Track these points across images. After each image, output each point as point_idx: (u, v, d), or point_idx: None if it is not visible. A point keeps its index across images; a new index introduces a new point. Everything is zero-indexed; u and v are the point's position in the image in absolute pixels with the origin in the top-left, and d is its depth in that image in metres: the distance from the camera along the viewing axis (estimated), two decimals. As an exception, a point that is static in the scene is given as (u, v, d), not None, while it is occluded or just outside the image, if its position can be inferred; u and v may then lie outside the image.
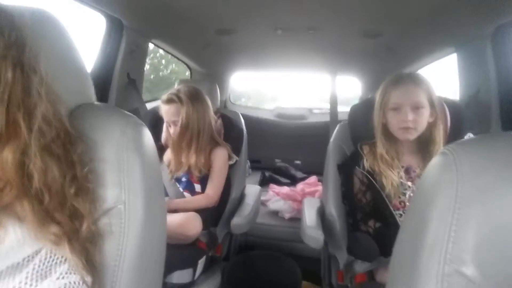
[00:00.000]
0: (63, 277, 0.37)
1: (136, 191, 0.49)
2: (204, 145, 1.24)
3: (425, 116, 0.99)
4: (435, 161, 0.41)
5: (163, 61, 4.01)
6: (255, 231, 1.74)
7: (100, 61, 1.44)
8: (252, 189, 1.44)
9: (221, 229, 1.26)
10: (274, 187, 2.08)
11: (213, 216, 1.23)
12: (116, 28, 1.42)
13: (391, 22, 1.39)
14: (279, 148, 2.72)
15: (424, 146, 1.05)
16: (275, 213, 1.90)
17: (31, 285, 0.35)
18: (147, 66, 1.89)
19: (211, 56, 2.12)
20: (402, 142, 1.05)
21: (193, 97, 1.22)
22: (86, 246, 0.41)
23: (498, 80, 1.14)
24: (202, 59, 2.16)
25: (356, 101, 2.70)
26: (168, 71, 4.04)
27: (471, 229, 0.35)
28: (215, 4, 1.32)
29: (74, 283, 0.38)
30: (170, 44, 1.83)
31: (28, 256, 0.37)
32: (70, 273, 0.38)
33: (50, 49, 0.47)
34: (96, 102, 0.60)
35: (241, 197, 1.37)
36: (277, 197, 1.95)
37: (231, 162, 1.31)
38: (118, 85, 1.50)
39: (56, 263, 0.38)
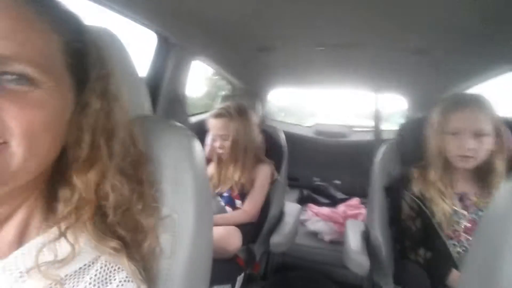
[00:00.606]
0: (122, 284, 0.38)
1: (188, 201, 0.50)
2: (249, 161, 1.24)
3: (488, 145, 0.90)
4: (506, 187, 0.37)
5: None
6: (293, 252, 1.69)
7: (150, 76, 1.53)
8: (291, 207, 1.41)
9: (259, 247, 1.24)
10: (313, 207, 2.02)
11: (251, 232, 1.22)
12: (165, 46, 1.50)
13: (440, 38, 1.33)
14: (317, 167, 2.65)
15: (482, 175, 0.96)
16: (314, 234, 1.84)
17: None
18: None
19: (251, 72, 2.16)
20: (458, 169, 0.97)
21: (242, 113, 1.26)
22: (147, 259, 0.43)
23: None
24: (243, 75, 2.21)
25: (397, 117, 2.60)
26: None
27: None
28: (257, 22, 1.35)
29: None
30: (213, 60, 1.89)
31: (89, 262, 0.38)
32: (129, 281, 0.39)
33: (114, 65, 0.50)
34: (151, 114, 0.63)
35: (280, 215, 1.34)
36: (316, 218, 1.89)
37: (274, 177, 1.29)
38: (165, 100, 1.57)
39: (115, 270, 0.39)
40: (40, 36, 0.33)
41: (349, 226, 1.21)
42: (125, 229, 0.41)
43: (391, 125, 2.55)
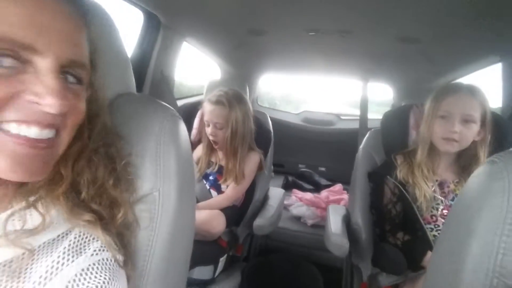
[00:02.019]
0: (96, 254, 0.39)
1: (170, 180, 0.51)
2: (244, 151, 1.24)
3: (473, 132, 0.93)
4: (482, 169, 0.39)
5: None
6: (276, 235, 1.72)
7: (136, 55, 1.49)
8: (275, 192, 1.43)
9: (242, 229, 1.26)
10: (297, 193, 2.06)
11: (235, 215, 1.24)
12: (153, 24, 1.46)
13: (430, 28, 1.34)
14: (303, 154, 2.68)
15: (464, 163, 1.00)
16: (297, 219, 1.88)
17: (68, 259, 0.37)
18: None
19: (242, 56, 2.13)
20: (441, 154, 1.00)
21: (241, 102, 1.23)
22: (121, 231, 0.44)
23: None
24: (233, 59, 2.18)
25: (386, 108, 2.63)
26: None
27: None
28: (248, 4, 1.33)
29: (107, 259, 0.40)
30: (203, 43, 1.85)
31: (62, 233, 0.39)
32: (103, 250, 0.40)
33: (103, 43, 0.49)
34: (135, 92, 0.62)
35: (265, 199, 1.36)
36: (300, 203, 1.93)
37: (261, 166, 1.29)
38: (152, 81, 1.54)
39: (89, 240, 0.40)
40: (84, 36, 0.37)
41: (331, 211, 1.24)
42: (99, 203, 0.41)
43: (378, 114, 2.58)
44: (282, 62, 2.35)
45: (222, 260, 1.07)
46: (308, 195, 1.97)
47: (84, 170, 0.40)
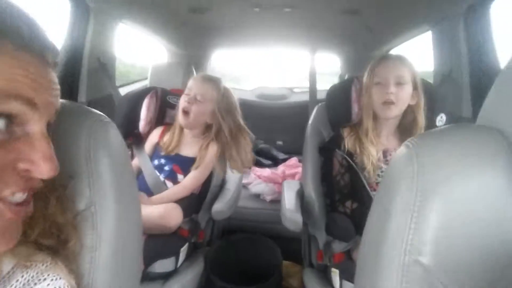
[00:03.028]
0: (48, 285, 0.38)
1: (106, 192, 0.48)
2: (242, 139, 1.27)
3: (407, 94, 1.01)
4: (399, 153, 0.42)
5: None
6: (237, 215, 1.76)
7: (67, 46, 1.36)
8: (233, 175, 1.44)
9: (203, 216, 1.27)
10: (256, 170, 2.09)
11: (194, 203, 1.23)
12: (81, 10, 1.33)
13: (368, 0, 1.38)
14: (261, 129, 2.70)
15: (405, 130, 1.08)
16: (257, 196, 1.93)
17: None
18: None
19: (187, 36, 2.04)
20: (383, 123, 1.08)
21: (229, 96, 1.26)
22: (70, 253, 0.43)
23: (469, 60, 1.15)
24: (176, 39, 2.08)
25: (335, 78, 2.71)
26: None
27: (430, 221, 0.36)
28: None
29: (62, 286, 0.39)
30: (142, 25, 1.74)
31: (9, 271, 0.37)
32: (57, 279, 0.38)
33: None
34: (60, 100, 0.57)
35: (222, 183, 1.37)
36: (258, 180, 1.97)
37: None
38: (88, 70, 1.43)
39: (39, 272, 0.38)
40: None
41: (286, 187, 1.28)
42: (49, 237, 0.40)
43: (328, 84, 2.65)
44: (230, 39, 2.29)
45: (184, 250, 1.08)
46: (266, 172, 2.01)
47: (40, 209, 0.38)
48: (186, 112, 1.19)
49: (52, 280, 0.38)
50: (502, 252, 0.35)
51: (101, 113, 0.52)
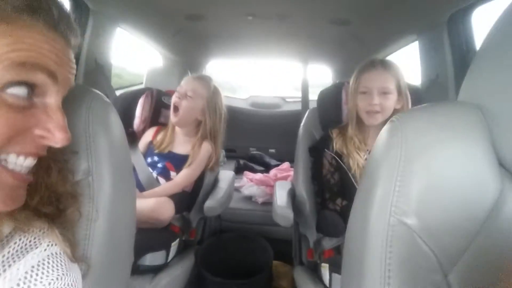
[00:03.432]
0: (45, 249, 0.39)
1: (103, 164, 0.51)
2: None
3: (392, 101, 1.03)
4: (385, 128, 0.45)
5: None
6: (229, 216, 1.77)
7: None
8: (225, 174, 1.46)
9: (195, 214, 1.28)
10: (248, 174, 2.11)
11: (185, 201, 1.25)
12: (81, 11, 1.37)
13: (358, 10, 1.44)
14: (253, 137, 2.74)
15: None
16: (248, 198, 1.94)
17: (14, 258, 0.36)
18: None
19: (182, 43, 2.09)
20: (369, 126, 1.10)
21: (219, 93, 1.30)
22: (68, 222, 0.44)
23: (454, 65, 1.21)
24: (173, 46, 2.13)
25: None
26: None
27: (413, 184, 0.39)
28: None
29: (58, 253, 0.39)
30: (139, 30, 1.78)
31: (7, 235, 0.38)
32: (53, 245, 0.40)
33: None
34: None
35: (215, 182, 1.38)
36: (250, 183, 1.99)
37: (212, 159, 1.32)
38: (85, 71, 1.45)
39: (37, 237, 0.39)
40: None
41: (278, 186, 1.30)
42: (48, 204, 0.41)
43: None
44: (224, 47, 2.35)
45: (174, 245, 1.08)
46: (258, 175, 2.03)
47: (42, 178, 0.40)
48: (176, 108, 1.23)
49: (48, 245, 0.39)
50: (478, 211, 0.38)
51: (100, 93, 0.55)
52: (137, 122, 1.36)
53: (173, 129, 1.31)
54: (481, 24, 1.13)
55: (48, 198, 0.41)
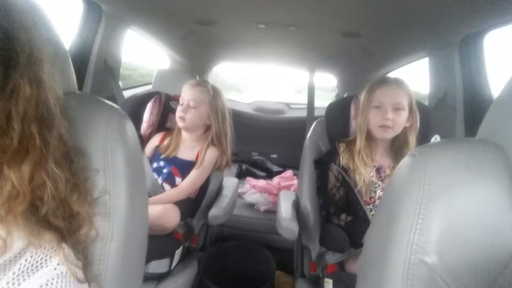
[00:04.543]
0: (55, 268, 0.38)
1: (120, 181, 0.50)
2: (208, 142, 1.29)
3: (403, 118, 1.04)
4: (405, 161, 0.45)
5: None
6: (231, 223, 1.76)
7: (76, 46, 1.39)
8: (229, 182, 1.46)
9: (198, 221, 1.28)
10: (250, 180, 2.11)
11: (190, 207, 1.24)
12: (94, 12, 1.37)
13: (369, 24, 1.45)
14: (256, 142, 2.74)
15: (397, 149, 1.11)
16: (251, 206, 1.93)
17: (24, 277, 0.36)
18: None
19: (191, 46, 2.09)
20: (378, 142, 1.10)
21: (219, 93, 1.30)
22: (81, 242, 0.43)
23: (463, 86, 1.22)
24: (182, 49, 2.13)
25: (331, 93, 2.79)
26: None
27: (434, 223, 0.39)
28: None
29: (65, 274, 0.39)
30: (149, 32, 1.78)
31: (19, 251, 0.37)
32: (62, 265, 0.39)
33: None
34: (78, 91, 0.59)
35: (219, 189, 1.38)
36: (253, 190, 1.99)
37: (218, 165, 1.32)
38: (94, 71, 1.45)
39: (47, 256, 0.38)
40: None
41: (282, 197, 1.30)
42: (60, 218, 0.40)
43: (325, 100, 2.72)
44: (232, 52, 2.35)
45: (178, 253, 1.08)
46: (261, 183, 2.03)
47: (45, 184, 0.38)
48: (182, 118, 1.24)
49: (58, 264, 0.38)
50: (501, 254, 0.38)
51: (117, 107, 0.55)
52: (144, 126, 1.36)
53: (180, 133, 1.31)
54: (493, 48, 1.14)
55: (57, 209, 0.40)
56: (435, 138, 1.12)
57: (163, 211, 1.07)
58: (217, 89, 1.30)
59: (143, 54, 2.55)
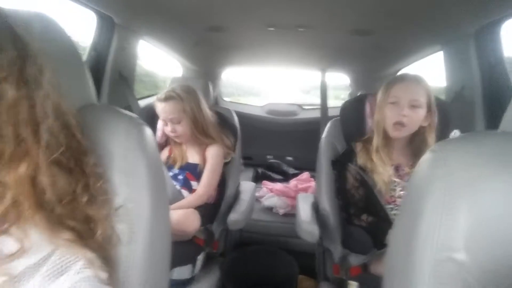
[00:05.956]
0: (78, 273, 0.38)
1: (142, 190, 0.51)
2: (206, 141, 1.27)
3: (420, 116, 1.01)
4: (426, 157, 0.44)
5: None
6: (250, 227, 1.76)
7: (91, 58, 1.43)
8: (247, 186, 1.46)
9: (217, 226, 1.28)
10: (267, 184, 2.10)
11: (210, 212, 1.25)
12: (107, 25, 1.41)
13: (382, 21, 1.43)
14: (270, 145, 2.74)
15: (416, 148, 1.08)
16: (269, 209, 1.93)
17: (49, 281, 0.36)
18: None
19: (202, 53, 2.12)
20: (394, 140, 1.08)
21: (190, 93, 1.25)
22: (102, 246, 0.43)
23: (481, 78, 1.18)
24: (194, 56, 2.16)
25: (343, 91, 2.76)
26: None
27: (460, 219, 0.38)
28: (206, 1, 1.32)
29: (89, 277, 0.39)
30: (161, 42, 1.81)
31: (45, 256, 0.38)
32: (86, 268, 0.39)
33: (51, 53, 0.47)
34: (97, 103, 0.61)
35: (236, 194, 1.38)
36: (270, 193, 1.98)
37: (226, 160, 1.32)
38: (110, 82, 1.49)
39: (71, 260, 0.39)
40: None
41: (300, 199, 1.29)
42: (74, 220, 0.40)
43: (336, 100, 2.69)
44: (243, 57, 2.36)
45: (200, 258, 1.09)
46: (278, 186, 2.02)
47: (46, 186, 0.37)
48: (177, 137, 1.27)
49: (81, 268, 0.39)
50: None
51: (136, 116, 0.56)
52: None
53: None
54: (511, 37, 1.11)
55: (71, 212, 0.40)
56: (454, 133, 1.09)
57: (184, 216, 1.08)
58: (182, 92, 1.25)
59: (159, 62, 2.60)
